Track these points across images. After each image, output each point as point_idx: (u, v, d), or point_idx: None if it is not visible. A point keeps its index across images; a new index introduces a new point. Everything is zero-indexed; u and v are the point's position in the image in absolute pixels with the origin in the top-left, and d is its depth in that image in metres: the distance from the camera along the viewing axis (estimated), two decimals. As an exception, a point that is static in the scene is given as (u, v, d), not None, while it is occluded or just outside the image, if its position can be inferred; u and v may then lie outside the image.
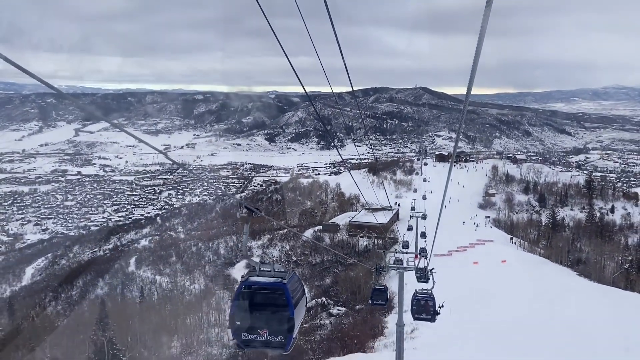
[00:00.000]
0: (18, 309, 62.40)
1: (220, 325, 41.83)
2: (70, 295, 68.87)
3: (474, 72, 3.56)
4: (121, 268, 72.35)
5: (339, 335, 26.85)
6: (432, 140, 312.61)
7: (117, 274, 70.88)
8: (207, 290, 56.80)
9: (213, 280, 61.12)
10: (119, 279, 69.20)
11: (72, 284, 73.11)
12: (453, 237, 54.23)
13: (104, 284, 69.34)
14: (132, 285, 65.14)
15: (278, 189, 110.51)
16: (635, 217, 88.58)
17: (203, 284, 60.40)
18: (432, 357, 19.47)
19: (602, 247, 68.85)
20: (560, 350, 20.31)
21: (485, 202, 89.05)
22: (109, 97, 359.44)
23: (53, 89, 3.68)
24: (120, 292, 61.55)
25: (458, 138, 6.20)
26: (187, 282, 62.26)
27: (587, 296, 33.75)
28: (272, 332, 5.82)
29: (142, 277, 66.91)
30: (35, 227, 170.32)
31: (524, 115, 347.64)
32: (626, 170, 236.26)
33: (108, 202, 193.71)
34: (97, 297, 66.15)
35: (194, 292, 57.76)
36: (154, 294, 60.56)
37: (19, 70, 3.16)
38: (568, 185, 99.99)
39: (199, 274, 65.05)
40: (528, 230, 75.65)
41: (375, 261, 52.24)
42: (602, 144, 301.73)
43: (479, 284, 38.47)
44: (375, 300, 16.99)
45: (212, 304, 49.08)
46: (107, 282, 69.26)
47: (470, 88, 3.76)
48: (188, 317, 42.18)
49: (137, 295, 58.10)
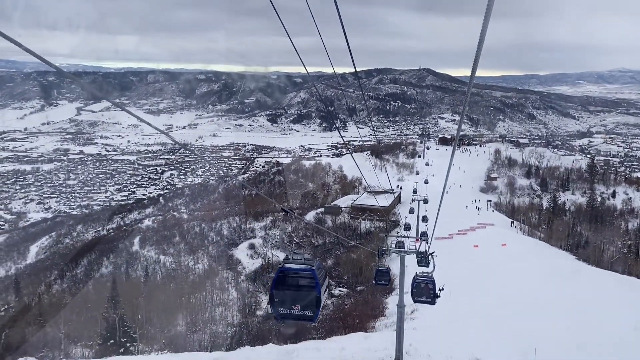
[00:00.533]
0: (24, 287, 63.58)
1: (224, 304, 42.74)
2: (75, 274, 69.88)
3: (478, 55, 3.49)
4: (125, 247, 73.21)
5: (341, 315, 27.60)
6: (436, 123, 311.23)
7: (121, 253, 71.79)
8: (211, 270, 57.64)
9: (217, 260, 61.95)
10: (123, 258, 70.12)
11: (77, 262, 74.11)
12: (454, 220, 54.68)
13: (108, 263, 70.31)
14: (136, 264, 66.05)
15: (280, 171, 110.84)
16: (636, 202, 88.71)
17: (207, 264, 61.24)
18: (431, 338, 20.04)
19: (602, 231, 69.41)
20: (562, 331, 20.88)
21: (487, 186, 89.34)
22: (110, 75, 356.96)
23: (53, 66, 3.73)
24: (125, 271, 62.44)
25: (461, 123, 6.31)
26: (191, 262, 63.13)
27: (584, 279, 34.33)
28: (303, 307, 7.76)
29: (146, 257, 67.79)
30: (38, 205, 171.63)
31: (528, 98, 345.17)
32: (630, 154, 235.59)
33: (110, 182, 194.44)
34: (102, 275, 67.24)
35: (197, 272, 58.64)
36: (158, 274, 61.49)
37: (20, 48, 3.11)
38: (570, 170, 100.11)
39: (202, 254, 65.87)
40: (529, 214, 76.03)
41: (376, 243, 52.91)
42: (606, 128, 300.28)
43: (479, 266, 39.08)
44: (378, 281, 18.10)
45: (217, 283, 49.97)
46: (112, 261, 70.21)
47: (475, 71, 3.70)
48: (193, 296, 43.04)
49: (141, 275, 59.00)
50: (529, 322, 22.00)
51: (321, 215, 70.35)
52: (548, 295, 27.88)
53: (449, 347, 18.26)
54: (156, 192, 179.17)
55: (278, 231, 67.93)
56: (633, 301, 27.74)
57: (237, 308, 42.16)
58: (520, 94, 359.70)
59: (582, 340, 19.45)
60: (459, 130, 10.37)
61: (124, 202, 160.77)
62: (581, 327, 21.51)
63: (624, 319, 22.98)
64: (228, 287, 50.59)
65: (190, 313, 35.78)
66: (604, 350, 18.45)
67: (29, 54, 3.31)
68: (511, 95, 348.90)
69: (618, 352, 18.20)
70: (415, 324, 23.55)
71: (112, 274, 66.08)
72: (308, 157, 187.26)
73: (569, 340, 19.53)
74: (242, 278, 54.92)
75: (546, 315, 23.52)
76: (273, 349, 18.97)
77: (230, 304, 43.41)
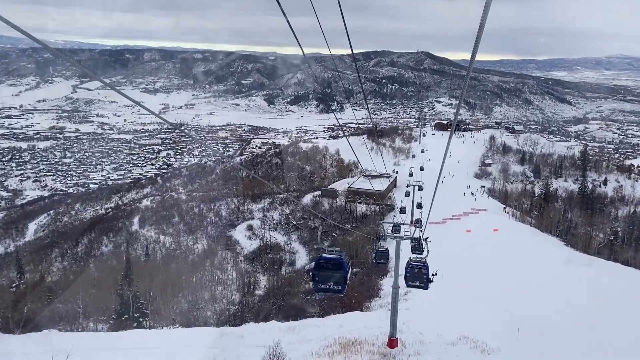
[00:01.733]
0: (26, 264, 64.73)
1: (224, 283, 44.15)
2: (76, 252, 71.07)
3: (477, 42, 3.45)
4: (125, 227, 74.29)
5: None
6: (432, 107, 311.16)
7: (121, 232, 72.89)
8: (210, 250, 58.97)
9: (215, 241, 63.23)
10: (123, 238, 71.28)
11: (78, 241, 75.25)
12: (448, 205, 55.92)
13: (108, 242, 71.49)
14: (136, 243, 67.23)
15: (277, 153, 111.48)
16: (626, 190, 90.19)
17: (206, 245, 62.55)
18: (422, 317, 21.44)
19: (592, 218, 70.98)
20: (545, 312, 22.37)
21: (481, 172, 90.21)
22: (106, 53, 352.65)
23: (40, 43, 3.62)
24: (126, 250, 63.60)
25: (458, 112, 7.03)
26: (191, 242, 64.39)
27: (570, 264, 35.93)
28: (334, 284, 11.32)
29: (145, 236, 68.95)
30: (34, 183, 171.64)
31: (525, 83, 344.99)
32: (625, 141, 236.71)
33: (106, 161, 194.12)
34: (102, 254, 68.53)
35: (197, 252, 59.96)
36: (159, 253, 62.75)
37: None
38: (563, 157, 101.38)
39: (201, 234, 67.11)
40: (521, 200, 77.19)
41: (372, 227, 54.30)
42: (602, 115, 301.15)
43: (470, 250, 40.54)
44: (378, 260, 22.15)
45: (216, 263, 51.31)
46: (112, 240, 71.34)
47: (473, 59, 3.67)
48: (194, 275, 44.37)
49: (142, 254, 60.21)
50: (515, 303, 23.48)
51: (318, 198, 71.43)
52: (534, 278, 29.42)
53: (439, 325, 19.67)
54: (152, 171, 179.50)
55: (276, 214, 69.21)
56: (612, 286, 29.40)
57: (237, 287, 43.61)
58: (517, 78, 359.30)
59: (561, 320, 20.98)
60: (455, 120, 11.19)
61: (120, 181, 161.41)
62: (562, 308, 23.05)
63: (600, 301, 24.55)
64: (227, 267, 51.98)
65: (192, 291, 37.17)
66: (580, 329, 19.96)
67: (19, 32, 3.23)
68: (508, 80, 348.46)
69: (593, 331, 19.70)
70: (408, 305, 24.93)
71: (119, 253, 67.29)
72: (305, 139, 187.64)
73: (550, 320, 21.03)
74: (240, 258, 56.33)
75: (531, 297, 25.04)
76: (276, 326, 20.35)
77: (230, 284, 44.84)
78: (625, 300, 25.91)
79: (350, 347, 17.29)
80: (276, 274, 50.46)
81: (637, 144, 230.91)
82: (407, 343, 17.90)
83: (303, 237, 61.75)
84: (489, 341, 17.86)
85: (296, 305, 29.76)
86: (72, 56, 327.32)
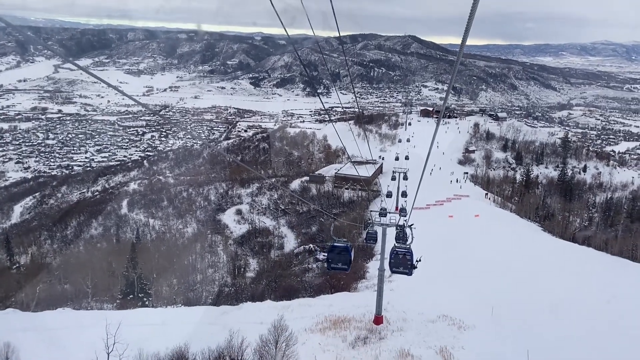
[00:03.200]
0: (15, 246, 65.05)
1: (215, 266, 45.51)
2: (65, 235, 71.48)
3: (467, 30, 3.40)
4: (114, 210, 74.74)
5: (328, 277, 30.62)
6: (419, 91, 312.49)
7: (110, 215, 73.37)
8: (200, 234, 60.08)
9: (205, 225, 64.28)
10: (112, 221, 71.84)
11: (66, 223, 75.57)
12: (432, 191, 57.61)
13: (97, 225, 72.00)
14: (126, 227, 67.95)
15: (265, 138, 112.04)
16: (604, 177, 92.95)
17: (196, 228, 63.59)
18: (406, 297, 23.14)
19: (570, 204, 73.43)
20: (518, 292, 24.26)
21: (465, 159, 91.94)
22: (88, 32, 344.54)
23: None
24: (116, 233, 64.31)
25: (445, 101, 7.43)
26: (180, 225, 65.33)
27: (545, 249, 38.12)
28: (342, 264, 15.50)
29: (135, 220, 69.63)
30: (17, 165, 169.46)
31: (511, 69, 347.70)
32: (607, 128, 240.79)
33: (90, 142, 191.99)
34: (91, 237, 69.14)
35: (187, 236, 61.01)
36: (148, 236, 63.64)
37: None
38: (545, 144, 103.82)
39: (190, 218, 68.07)
40: (503, 186, 79.19)
41: (358, 212, 55.99)
42: (585, 101, 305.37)
43: (452, 235, 42.40)
44: (368, 240, 25.25)
45: (207, 247, 52.53)
46: (101, 223, 71.85)
47: (462, 49, 3.67)
48: (186, 258, 45.59)
49: (132, 237, 61.02)
50: (490, 284, 25.35)
51: (306, 184, 72.73)
52: (510, 262, 31.41)
53: (420, 305, 21.39)
54: (137, 154, 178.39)
55: (265, 199, 70.39)
56: (583, 269, 31.60)
57: (228, 270, 44.96)
58: (503, 64, 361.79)
59: (532, 300, 22.90)
60: (442, 111, 12.33)
61: (104, 164, 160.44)
62: (534, 289, 25.00)
63: (572, 283, 26.61)
64: (218, 250, 53.27)
65: (187, 273, 38.43)
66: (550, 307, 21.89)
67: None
68: (494, 65, 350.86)
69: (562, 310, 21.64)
70: (393, 286, 26.61)
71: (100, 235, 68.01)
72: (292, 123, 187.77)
73: (522, 299, 22.96)
74: (230, 242, 57.59)
75: (505, 279, 26.98)
76: (271, 305, 21.88)
77: (221, 266, 46.17)
78: (594, 282, 28.08)
79: (340, 324, 18.93)
80: (265, 258, 51.98)
81: (618, 130, 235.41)
82: (392, 320, 19.58)
83: (291, 222, 63.23)
84: (466, 319, 19.62)
85: (288, 286, 31.35)
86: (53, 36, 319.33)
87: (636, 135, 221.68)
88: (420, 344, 16.62)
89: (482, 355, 15.91)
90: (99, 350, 10.81)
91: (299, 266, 40.64)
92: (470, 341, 17.17)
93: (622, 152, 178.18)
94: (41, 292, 21.52)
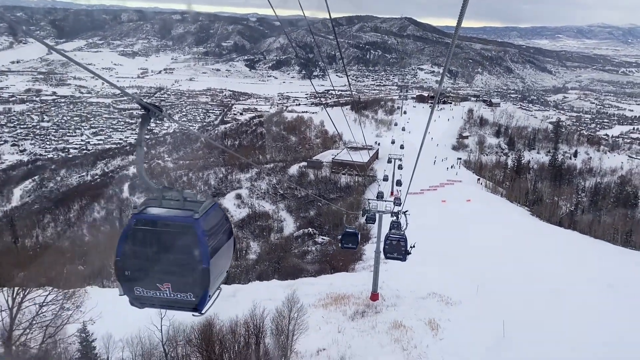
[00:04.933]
0: (19, 228, 66.68)
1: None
2: (68, 218, 73.24)
3: (461, 17, 3.44)
4: (115, 194, 76.39)
5: (327, 258, 32.79)
6: (415, 74, 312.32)
7: (112, 199, 75.06)
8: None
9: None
10: (114, 204, 73.56)
11: (69, 207, 77.20)
12: (426, 177, 59.63)
13: (100, 209, 73.72)
14: (128, 210, 69.65)
15: (262, 123, 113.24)
16: (594, 162, 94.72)
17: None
18: (399, 277, 25.30)
19: (559, 189, 75.58)
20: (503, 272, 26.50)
21: (458, 144, 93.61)
22: (82, 13, 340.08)
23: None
24: (119, 216, 66.11)
25: (439, 90, 7.91)
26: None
27: (531, 231, 40.47)
28: (352, 243, 18.85)
29: (137, 204, 71.12)
30: (12, 147, 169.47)
31: (507, 52, 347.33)
32: (601, 111, 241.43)
33: (86, 125, 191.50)
34: (94, 220, 70.95)
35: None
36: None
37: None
38: (537, 130, 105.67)
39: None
40: (495, 171, 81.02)
41: (355, 197, 58.09)
42: (581, 84, 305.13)
43: (444, 219, 44.58)
44: (368, 221, 26.54)
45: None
46: (103, 206, 73.56)
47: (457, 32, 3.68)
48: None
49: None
50: (477, 264, 27.60)
51: (304, 169, 74.61)
52: (496, 244, 33.69)
53: (412, 283, 23.59)
54: (133, 137, 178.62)
55: (264, 184, 72.21)
56: (567, 251, 33.99)
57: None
58: (499, 46, 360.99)
59: (514, 278, 25.21)
60: (436, 99, 13.65)
61: (100, 147, 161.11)
62: (516, 269, 27.32)
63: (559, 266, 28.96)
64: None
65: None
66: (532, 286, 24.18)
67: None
68: (491, 48, 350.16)
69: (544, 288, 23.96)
70: (387, 267, 28.66)
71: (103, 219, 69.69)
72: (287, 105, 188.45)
73: (504, 278, 25.25)
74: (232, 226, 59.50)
75: (492, 259, 29.26)
76: (277, 284, 24.10)
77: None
78: (577, 262, 30.53)
79: (340, 300, 21.17)
80: (266, 241, 54.12)
81: (613, 114, 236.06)
82: (386, 297, 21.82)
83: (290, 206, 65.25)
84: (453, 295, 21.88)
85: (292, 267, 33.52)
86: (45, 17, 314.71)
87: (630, 119, 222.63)
88: (412, 317, 18.84)
89: (465, 325, 18.18)
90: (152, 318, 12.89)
91: (299, 249, 42.81)
92: (455, 314, 19.43)
93: (615, 136, 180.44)
94: (68, 270, 23.42)
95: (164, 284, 3.59)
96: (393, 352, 15.44)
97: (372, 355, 15.17)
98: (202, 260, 3.49)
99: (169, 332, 12.95)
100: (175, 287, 3.57)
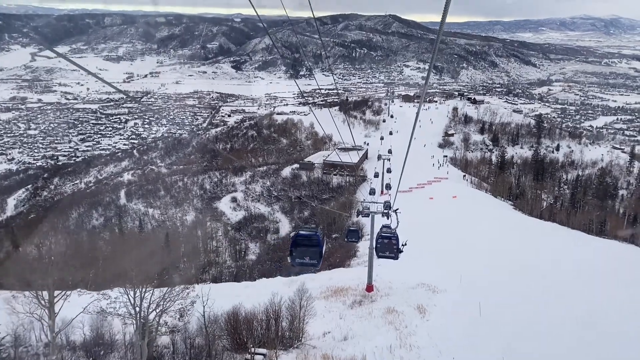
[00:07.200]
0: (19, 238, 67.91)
1: (217, 251, 49.76)
2: (67, 226, 74.53)
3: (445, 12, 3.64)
4: (112, 201, 77.94)
5: (325, 256, 35.21)
6: (401, 71, 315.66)
7: (109, 206, 76.61)
8: (199, 221, 64.14)
9: (202, 212, 68.28)
10: (112, 211, 75.17)
11: (66, 215, 78.45)
12: (414, 175, 62.25)
13: (98, 216, 75.25)
14: (126, 217, 71.48)
15: (253, 125, 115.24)
16: (576, 155, 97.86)
17: (194, 216, 67.58)
18: (391, 270, 27.90)
19: (541, 183, 78.67)
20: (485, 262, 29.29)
21: (444, 142, 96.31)
22: (64, 18, 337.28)
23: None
24: (118, 223, 67.78)
25: (425, 90, 9.14)
26: (179, 214, 69.20)
27: (513, 224, 43.47)
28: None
29: (134, 210, 73.14)
30: (0, 157, 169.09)
31: (491, 46, 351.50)
32: (585, 102, 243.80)
33: (73, 132, 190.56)
34: (94, 227, 72.48)
35: (187, 224, 65.02)
36: (149, 225, 67.37)
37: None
38: (520, 126, 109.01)
39: (188, 207, 71.93)
40: (480, 167, 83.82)
41: (347, 197, 60.69)
42: (565, 76, 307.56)
43: (432, 215, 47.43)
44: (362, 215, 26.09)
45: (208, 233, 56.76)
46: (102, 214, 75.11)
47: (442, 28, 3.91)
48: (190, 243, 49.81)
49: (135, 226, 64.72)
50: (462, 257, 30.43)
51: (297, 171, 76.98)
52: (479, 237, 36.60)
53: (403, 275, 26.25)
54: (122, 142, 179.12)
55: (258, 186, 74.50)
56: (545, 241, 37.00)
57: (229, 254, 49.38)
58: (484, 41, 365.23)
59: (495, 268, 28.06)
60: (422, 98, 16.16)
61: (89, 153, 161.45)
62: (498, 259, 30.20)
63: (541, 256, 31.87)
64: (217, 236, 57.54)
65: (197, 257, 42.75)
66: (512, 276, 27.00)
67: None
68: (475, 42, 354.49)
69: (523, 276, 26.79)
70: (380, 261, 30.72)
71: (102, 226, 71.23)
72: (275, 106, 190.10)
73: (486, 268, 28.11)
74: (228, 228, 61.88)
75: (475, 251, 32.13)
76: (281, 280, 26.72)
77: (224, 250, 50.57)
78: (555, 251, 33.50)
79: (339, 292, 23.86)
80: (263, 242, 56.54)
81: (597, 105, 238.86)
82: (380, 288, 24.51)
83: (285, 207, 67.70)
84: (439, 285, 24.60)
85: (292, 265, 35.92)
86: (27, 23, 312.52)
87: (614, 110, 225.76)
88: (403, 304, 21.55)
89: (448, 309, 20.98)
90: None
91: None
92: (441, 301, 22.20)
93: (599, 127, 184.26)
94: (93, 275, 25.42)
95: (306, 257, 11.93)
96: (387, 332, 18.13)
97: (370, 334, 17.87)
98: (320, 248, 11.97)
99: (209, 317, 15.92)
100: (310, 258, 11.94)
